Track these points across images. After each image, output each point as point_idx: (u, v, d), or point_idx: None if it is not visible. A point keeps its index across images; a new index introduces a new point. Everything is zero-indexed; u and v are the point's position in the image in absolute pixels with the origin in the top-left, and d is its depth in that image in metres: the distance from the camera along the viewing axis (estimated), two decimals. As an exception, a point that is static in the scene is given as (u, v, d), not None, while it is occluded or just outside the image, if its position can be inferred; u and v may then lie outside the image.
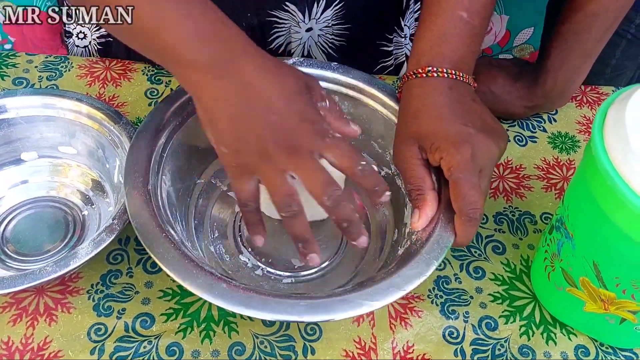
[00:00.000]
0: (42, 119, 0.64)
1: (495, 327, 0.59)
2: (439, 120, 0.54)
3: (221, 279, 0.48)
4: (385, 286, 0.49)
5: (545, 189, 0.71)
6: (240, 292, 0.48)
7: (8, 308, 0.57)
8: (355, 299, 0.48)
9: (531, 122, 0.78)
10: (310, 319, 0.48)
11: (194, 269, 0.49)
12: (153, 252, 0.49)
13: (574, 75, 0.73)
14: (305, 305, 0.48)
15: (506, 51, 1.44)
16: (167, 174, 0.58)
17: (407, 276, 0.50)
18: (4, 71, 0.76)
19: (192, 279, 0.48)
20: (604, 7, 0.66)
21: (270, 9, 0.70)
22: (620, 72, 0.94)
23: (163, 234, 0.50)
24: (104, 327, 0.56)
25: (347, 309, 0.48)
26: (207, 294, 0.47)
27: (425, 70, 0.56)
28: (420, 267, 0.51)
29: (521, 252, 0.65)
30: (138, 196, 0.53)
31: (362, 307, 0.48)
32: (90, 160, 0.65)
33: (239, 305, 0.47)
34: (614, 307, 0.52)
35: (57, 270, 0.51)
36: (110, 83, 0.76)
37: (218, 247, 0.62)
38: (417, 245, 0.53)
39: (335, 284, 0.59)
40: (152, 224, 0.51)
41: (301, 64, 0.64)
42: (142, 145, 0.57)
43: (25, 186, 0.65)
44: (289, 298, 0.48)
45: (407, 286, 0.49)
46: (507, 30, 1.40)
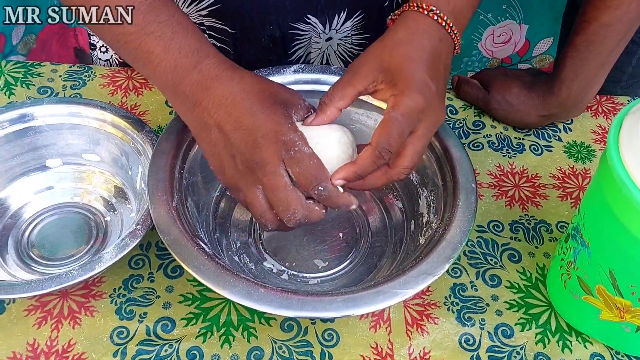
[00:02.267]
0: (67, 126, 0.65)
1: (511, 335, 0.59)
2: (413, 62, 0.52)
3: (258, 285, 0.50)
4: (415, 274, 0.51)
5: (561, 197, 0.71)
6: (279, 294, 0.49)
7: (33, 311, 0.58)
8: (388, 289, 0.50)
9: (547, 131, 0.78)
10: (350, 313, 0.49)
11: (232, 277, 0.50)
12: (189, 266, 0.50)
13: (588, 85, 0.73)
14: (342, 301, 0.49)
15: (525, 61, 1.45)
16: (188, 190, 0.60)
17: (435, 262, 0.52)
18: (29, 80, 0.78)
19: (231, 287, 0.49)
20: (617, 18, 0.67)
21: (292, 21, 0.72)
22: (637, 80, 0.94)
23: (195, 247, 0.52)
24: (126, 331, 0.57)
25: (382, 299, 0.49)
26: (247, 300, 0.49)
27: (429, 8, 0.54)
28: (446, 252, 0.52)
29: (537, 261, 0.65)
30: (165, 213, 0.54)
31: (397, 296, 0.49)
32: (113, 168, 0.67)
33: (280, 307, 0.48)
34: (629, 315, 0.53)
35: (82, 274, 0.52)
36: (132, 92, 0.78)
37: (242, 256, 0.63)
38: (439, 232, 0.55)
39: (361, 280, 0.60)
40: (184, 239, 0.52)
41: (302, 70, 0.66)
42: (161, 163, 0.58)
43: (50, 192, 0.67)
44: (325, 296, 0.50)
45: (437, 271, 0.51)
46: (526, 40, 1.41)
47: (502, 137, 0.77)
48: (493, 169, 0.73)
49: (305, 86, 0.66)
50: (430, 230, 0.57)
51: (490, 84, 0.79)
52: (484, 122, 0.79)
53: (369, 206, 0.68)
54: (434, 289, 0.62)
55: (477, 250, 0.66)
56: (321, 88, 0.66)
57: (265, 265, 0.63)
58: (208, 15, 0.70)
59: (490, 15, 1.36)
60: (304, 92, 0.65)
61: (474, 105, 0.81)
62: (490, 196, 0.71)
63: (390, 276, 0.52)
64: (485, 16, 1.37)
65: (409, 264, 0.53)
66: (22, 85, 0.78)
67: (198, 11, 0.70)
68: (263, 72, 0.65)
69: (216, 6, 0.69)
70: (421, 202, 0.63)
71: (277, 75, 0.65)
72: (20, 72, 0.79)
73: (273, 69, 0.65)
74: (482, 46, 1.43)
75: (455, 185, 0.58)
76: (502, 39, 1.41)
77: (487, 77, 0.80)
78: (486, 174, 0.73)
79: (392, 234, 0.65)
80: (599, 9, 0.68)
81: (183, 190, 0.58)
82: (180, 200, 0.56)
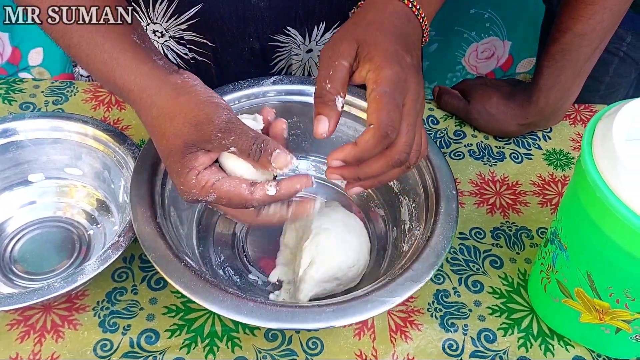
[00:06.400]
0: (49, 141, 0.66)
1: (494, 340, 0.60)
2: (387, 37, 0.51)
3: (246, 299, 0.50)
4: (402, 281, 0.52)
5: (541, 204, 0.72)
6: (268, 307, 0.49)
7: (16, 325, 0.58)
8: (376, 298, 0.50)
9: (526, 139, 0.80)
10: (339, 323, 0.49)
11: (219, 292, 0.50)
12: (176, 282, 0.50)
13: (566, 93, 0.75)
14: (332, 311, 0.49)
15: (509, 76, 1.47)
16: (170, 205, 0.60)
17: (420, 269, 0.53)
18: (11, 96, 0.79)
19: (219, 302, 0.49)
20: (591, 27, 0.68)
21: (272, 33, 0.73)
22: (614, 90, 0.96)
23: (182, 263, 0.52)
24: (109, 343, 0.57)
25: (370, 308, 0.50)
26: (235, 314, 0.49)
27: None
28: (430, 259, 0.53)
29: (518, 266, 0.66)
30: (150, 230, 0.54)
31: (385, 304, 0.50)
32: (95, 181, 0.67)
33: (269, 320, 0.49)
34: (608, 317, 0.53)
35: (65, 286, 0.52)
36: (114, 107, 0.78)
37: (226, 269, 0.63)
38: (423, 239, 0.55)
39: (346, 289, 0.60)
40: (170, 255, 0.52)
41: (281, 82, 0.67)
42: (142, 179, 0.58)
43: (33, 207, 0.66)
44: (313, 307, 0.50)
45: (422, 278, 0.52)
46: (509, 55, 1.43)
47: (482, 146, 0.78)
48: (474, 178, 0.74)
49: (286, 97, 0.67)
50: (413, 238, 0.58)
51: (471, 94, 0.80)
52: (465, 131, 0.80)
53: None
54: (417, 295, 0.63)
55: (459, 257, 0.66)
56: (301, 99, 0.67)
57: (250, 278, 0.63)
58: (188, 29, 0.71)
59: (474, 33, 1.39)
60: (284, 102, 0.66)
61: (455, 115, 0.82)
62: (471, 204, 0.71)
63: (377, 285, 0.52)
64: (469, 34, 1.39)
65: (395, 272, 0.54)
66: (4, 102, 0.78)
67: (177, 25, 0.71)
68: (243, 85, 0.66)
69: (195, 20, 0.69)
70: (402, 209, 0.64)
71: (257, 87, 0.66)
72: (2, 88, 0.79)
73: (252, 81, 0.66)
74: (465, 62, 1.45)
75: (436, 192, 0.59)
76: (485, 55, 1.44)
77: (468, 87, 0.82)
78: (467, 182, 0.74)
79: (375, 242, 0.66)
80: (573, 18, 0.69)
81: (165, 206, 0.58)
82: (162, 215, 0.56)
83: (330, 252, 0.57)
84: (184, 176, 0.49)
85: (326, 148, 0.70)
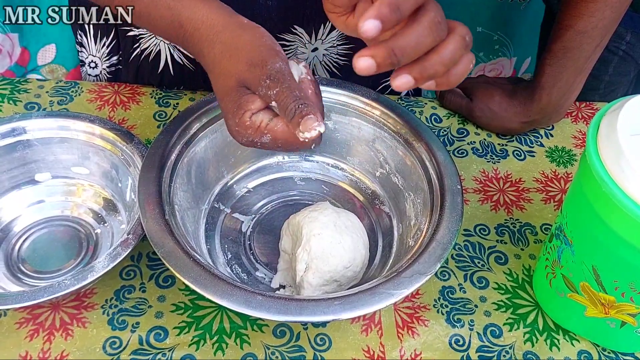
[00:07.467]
0: (56, 140, 0.66)
1: (500, 335, 0.60)
2: None
3: (255, 293, 0.50)
4: (409, 274, 0.52)
5: (544, 201, 0.73)
6: (277, 301, 0.50)
7: (25, 323, 0.58)
8: (384, 290, 0.51)
9: (529, 137, 0.80)
10: (349, 315, 0.50)
11: (229, 287, 0.50)
12: (185, 277, 0.51)
13: (567, 91, 0.76)
14: (339, 304, 0.50)
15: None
16: (178, 203, 0.60)
17: (427, 262, 0.53)
18: (16, 96, 0.79)
19: (228, 296, 0.50)
20: (592, 25, 0.69)
21: (279, 32, 0.73)
22: (614, 88, 0.97)
23: (190, 258, 0.52)
24: (118, 341, 0.58)
25: (378, 300, 0.50)
26: (245, 308, 0.49)
27: None
28: (437, 252, 0.54)
29: (523, 262, 0.66)
30: (158, 227, 0.54)
31: (392, 297, 0.51)
32: (102, 180, 0.67)
33: (279, 313, 0.49)
34: (614, 310, 0.54)
35: (75, 284, 0.52)
36: (119, 106, 0.79)
37: (234, 267, 0.64)
38: (429, 233, 0.56)
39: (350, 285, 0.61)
40: (178, 251, 0.53)
41: None
42: (151, 177, 0.58)
43: (41, 206, 0.67)
44: (322, 300, 0.51)
45: (429, 271, 0.52)
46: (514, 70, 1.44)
47: (485, 143, 0.79)
48: (478, 175, 0.75)
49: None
50: (418, 232, 0.59)
51: (473, 92, 0.81)
52: (468, 129, 0.81)
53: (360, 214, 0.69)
54: (423, 292, 0.63)
55: (464, 253, 0.67)
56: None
57: (257, 275, 0.63)
58: None
59: (482, 54, 1.38)
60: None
61: (458, 114, 0.82)
62: (475, 201, 0.72)
63: (385, 278, 0.53)
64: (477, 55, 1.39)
65: (402, 265, 0.54)
66: (9, 102, 0.78)
67: None
68: None
69: None
70: (407, 205, 0.64)
71: None
72: (6, 89, 0.79)
73: None
74: (471, 78, 1.45)
75: (441, 187, 0.59)
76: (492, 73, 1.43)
77: (470, 85, 0.82)
78: (471, 179, 0.74)
79: (381, 238, 0.66)
80: (574, 16, 0.70)
81: (173, 204, 0.59)
82: (170, 213, 0.57)
83: (323, 256, 0.57)
84: (240, 117, 0.50)
85: (331, 147, 0.70)
